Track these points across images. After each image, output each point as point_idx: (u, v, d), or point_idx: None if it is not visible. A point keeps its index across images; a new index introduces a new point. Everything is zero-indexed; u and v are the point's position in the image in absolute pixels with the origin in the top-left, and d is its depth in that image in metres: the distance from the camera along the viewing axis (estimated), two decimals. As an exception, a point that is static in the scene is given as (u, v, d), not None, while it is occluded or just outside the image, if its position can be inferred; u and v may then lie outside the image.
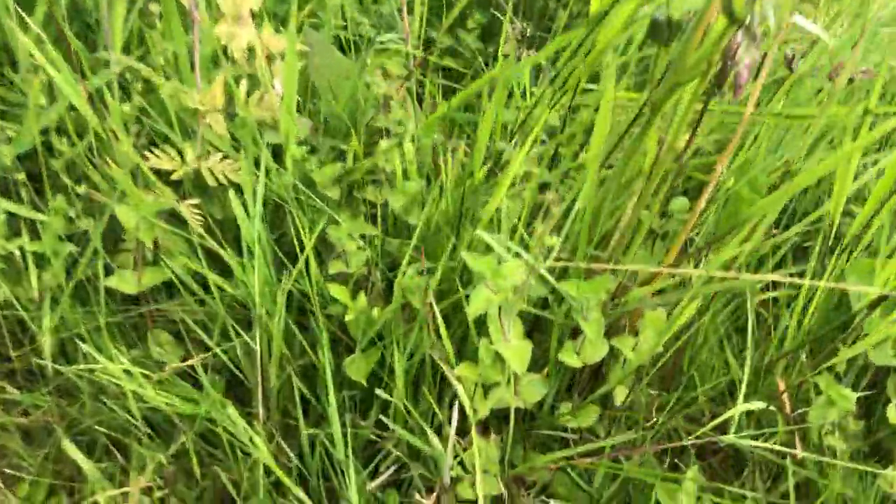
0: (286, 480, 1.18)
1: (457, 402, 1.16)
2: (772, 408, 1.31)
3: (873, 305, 1.24)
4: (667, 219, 1.40)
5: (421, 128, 1.40)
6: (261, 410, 1.25)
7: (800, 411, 1.27)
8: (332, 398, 1.24)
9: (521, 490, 1.27)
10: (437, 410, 1.19)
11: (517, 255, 1.13)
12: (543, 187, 1.39)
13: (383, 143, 1.45)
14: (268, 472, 1.22)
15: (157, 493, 1.20)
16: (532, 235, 1.19)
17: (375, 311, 1.33)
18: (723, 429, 1.36)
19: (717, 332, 1.31)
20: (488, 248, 1.13)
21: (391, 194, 1.40)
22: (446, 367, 1.15)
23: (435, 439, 1.14)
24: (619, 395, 1.28)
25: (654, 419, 1.27)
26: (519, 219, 1.19)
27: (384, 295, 1.38)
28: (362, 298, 1.32)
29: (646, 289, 1.19)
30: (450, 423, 1.17)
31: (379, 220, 1.41)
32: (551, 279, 1.10)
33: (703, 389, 1.29)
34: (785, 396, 1.22)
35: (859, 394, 1.25)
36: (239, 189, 1.36)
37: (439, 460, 1.16)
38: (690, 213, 1.23)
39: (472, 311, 1.08)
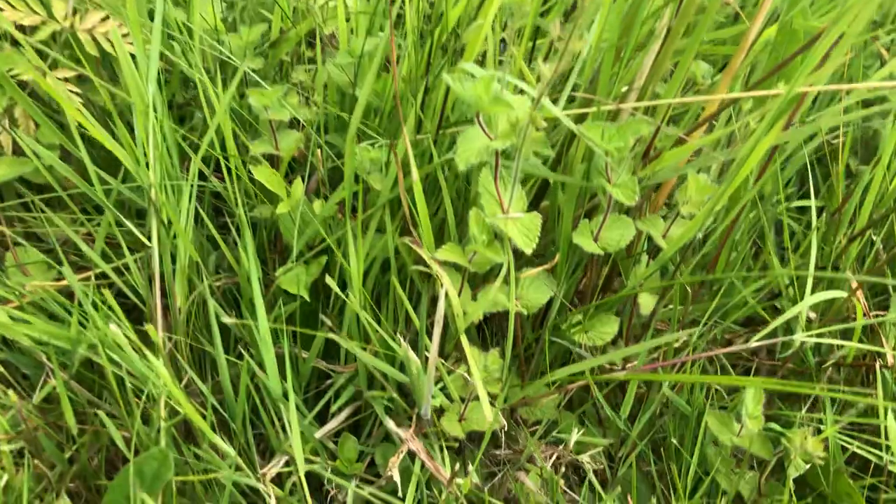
0: (200, 423, 0.83)
1: (439, 306, 0.83)
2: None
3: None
4: (689, 90, 1.11)
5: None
6: (160, 333, 0.89)
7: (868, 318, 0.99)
8: (262, 315, 0.90)
9: (522, 429, 0.95)
10: (411, 314, 0.86)
11: (519, 92, 0.82)
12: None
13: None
14: (173, 414, 0.87)
15: (9, 447, 0.83)
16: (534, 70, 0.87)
17: (317, 204, 0.99)
18: (771, 350, 1.08)
19: (753, 228, 1.03)
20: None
21: (331, 62, 1.07)
22: (424, 253, 0.82)
23: (411, 354, 0.81)
24: (645, 303, 0.98)
25: (688, 334, 0.98)
26: (516, 39, 0.88)
27: (328, 185, 1.04)
28: (299, 186, 0.99)
29: (683, 149, 0.90)
30: (429, 335, 0.84)
31: (321, 102, 1.08)
32: (569, 122, 0.79)
33: (749, 292, 1.00)
34: (860, 293, 0.94)
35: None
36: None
37: (417, 384, 0.83)
38: (733, 60, 0.94)
39: (462, 159, 0.76)
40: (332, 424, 0.93)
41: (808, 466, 0.85)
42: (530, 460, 0.92)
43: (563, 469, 0.92)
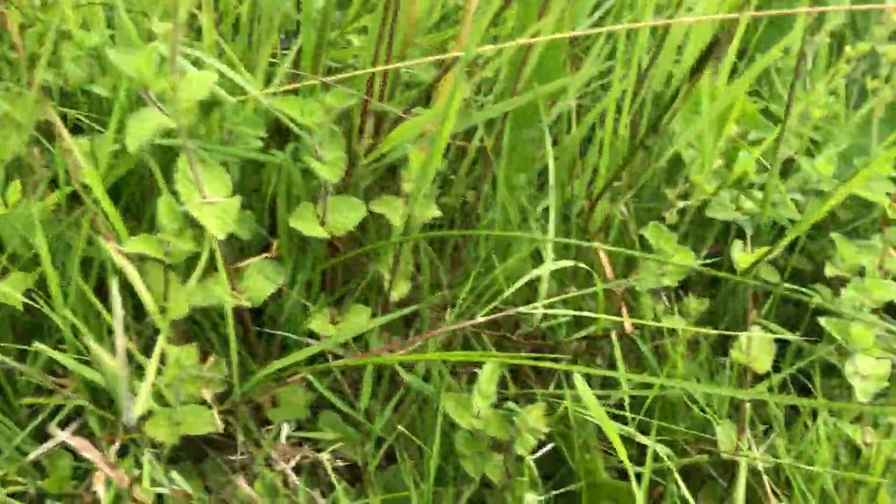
0: None
1: (115, 303, 0.76)
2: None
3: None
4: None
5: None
6: None
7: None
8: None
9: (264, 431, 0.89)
10: (103, 313, 0.79)
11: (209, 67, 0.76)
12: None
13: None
14: None
15: None
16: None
17: (36, 207, 0.91)
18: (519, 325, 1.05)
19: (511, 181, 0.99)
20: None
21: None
22: (109, 247, 0.76)
23: (101, 354, 0.75)
24: (397, 288, 0.94)
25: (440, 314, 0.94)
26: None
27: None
28: (16, 188, 0.90)
29: (406, 126, 0.86)
30: (126, 331, 0.77)
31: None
32: (263, 97, 0.74)
33: (504, 267, 0.97)
34: (602, 255, 0.92)
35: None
36: None
37: (113, 388, 0.76)
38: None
39: (134, 140, 0.70)
40: (48, 445, 0.85)
41: (550, 446, 0.84)
42: (268, 464, 0.86)
43: (305, 470, 0.87)
